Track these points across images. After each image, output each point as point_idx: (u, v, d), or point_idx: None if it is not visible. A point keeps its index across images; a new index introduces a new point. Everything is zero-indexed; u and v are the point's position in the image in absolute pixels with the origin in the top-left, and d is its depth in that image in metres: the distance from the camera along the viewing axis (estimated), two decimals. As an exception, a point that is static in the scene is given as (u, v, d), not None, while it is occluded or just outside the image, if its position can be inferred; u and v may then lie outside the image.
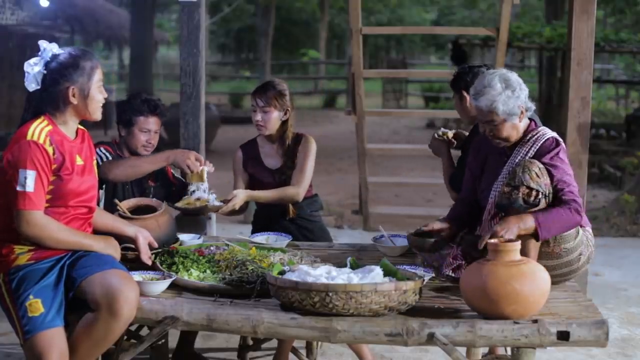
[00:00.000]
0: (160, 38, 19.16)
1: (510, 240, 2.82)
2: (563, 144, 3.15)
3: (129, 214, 3.43)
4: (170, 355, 3.75)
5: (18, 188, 2.80)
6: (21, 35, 15.31)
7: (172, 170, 4.07)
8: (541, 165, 3.02)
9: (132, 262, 3.16)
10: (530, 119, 3.23)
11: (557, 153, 3.08)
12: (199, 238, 3.72)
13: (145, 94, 4.02)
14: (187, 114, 4.38)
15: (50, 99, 2.92)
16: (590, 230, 3.25)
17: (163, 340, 3.53)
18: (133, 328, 3.39)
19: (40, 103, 2.92)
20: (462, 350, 3.15)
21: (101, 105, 3.01)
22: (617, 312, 4.86)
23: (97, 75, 2.98)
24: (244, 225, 7.20)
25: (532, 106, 3.17)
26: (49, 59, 2.93)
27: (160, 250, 3.33)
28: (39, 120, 2.90)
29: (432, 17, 29.92)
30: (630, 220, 8.41)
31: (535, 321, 2.69)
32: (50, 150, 2.86)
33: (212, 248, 3.43)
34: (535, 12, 25.02)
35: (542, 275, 2.75)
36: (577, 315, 2.80)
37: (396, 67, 20.54)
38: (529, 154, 3.12)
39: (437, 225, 3.30)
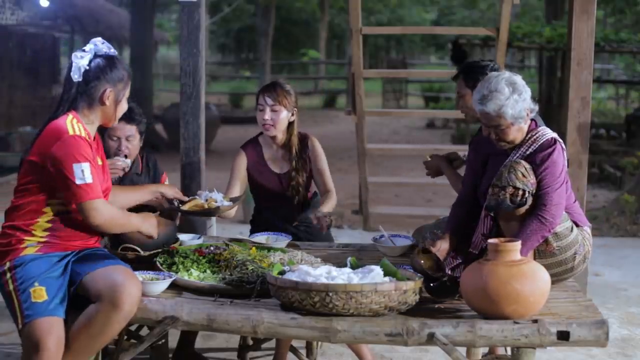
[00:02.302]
0: (160, 38, 19.15)
1: (510, 240, 2.83)
2: (561, 144, 3.15)
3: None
4: (170, 355, 3.74)
5: (77, 182, 2.84)
6: (21, 35, 15.31)
7: (165, 182, 4.02)
8: (527, 165, 3.03)
9: (132, 262, 3.16)
10: (531, 119, 3.22)
11: (550, 153, 3.07)
12: (199, 238, 3.72)
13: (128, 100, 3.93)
14: (187, 114, 4.36)
15: (87, 94, 2.96)
16: (589, 230, 3.25)
17: (163, 340, 3.53)
18: (133, 328, 3.39)
19: (77, 97, 2.96)
20: (462, 350, 3.15)
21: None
22: (617, 312, 4.86)
23: (129, 87, 3.08)
24: (244, 225, 7.20)
25: (536, 107, 3.16)
26: (94, 56, 2.98)
27: (160, 250, 3.33)
28: (69, 117, 2.93)
29: (432, 17, 29.90)
30: (630, 220, 8.41)
31: (535, 321, 2.69)
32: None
33: (212, 248, 3.43)
34: (535, 12, 25.00)
35: (542, 275, 2.75)
36: (577, 315, 2.80)
37: (396, 67, 20.53)
38: (526, 154, 3.12)
39: (444, 246, 3.24)
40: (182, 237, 3.63)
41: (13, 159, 12.83)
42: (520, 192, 2.99)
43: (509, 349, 3.06)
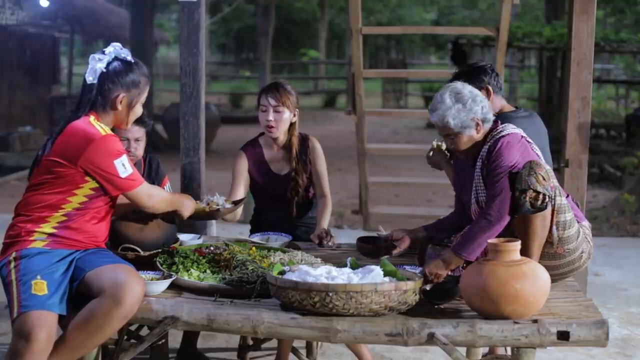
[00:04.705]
0: (160, 38, 19.17)
1: (510, 240, 2.82)
2: (518, 138, 3.10)
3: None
4: (171, 356, 3.74)
5: (122, 175, 2.93)
6: (21, 35, 15.32)
7: (166, 186, 4.02)
8: (548, 167, 3.02)
9: (132, 262, 3.15)
10: (496, 120, 3.20)
11: (503, 144, 3.04)
12: (199, 238, 3.72)
13: None
14: (187, 114, 4.35)
15: (101, 97, 3.00)
16: (588, 226, 3.25)
17: (163, 340, 3.53)
18: (133, 328, 3.39)
19: (96, 99, 3.00)
20: (462, 350, 3.15)
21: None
22: (617, 312, 4.86)
23: (146, 93, 3.11)
24: (244, 225, 7.20)
25: (491, 117, 3.14)
26: (112, 60, 3.01)
27: (160, 250, 3.33)
28: (92, 118, 2.97)
29: (432, 17, 29.88)
30: (630, 220, 8.42)
31: (535, 321, 2.70)
32: None
33: (212, 248, 3.43)
34: (535, 12, 24.98)
35: (542, 275, 2.75)
36: (577, 315, 2.80)
37: (396, 67, 20.56)
38: (484, 155, 3.11)
39: (398, 235, 3.46)
40: (182, 237, 3.63)
41: (13, 159, 12.85)
42: (541, 197, 2.94)
43: (509, 349, 3.06)
